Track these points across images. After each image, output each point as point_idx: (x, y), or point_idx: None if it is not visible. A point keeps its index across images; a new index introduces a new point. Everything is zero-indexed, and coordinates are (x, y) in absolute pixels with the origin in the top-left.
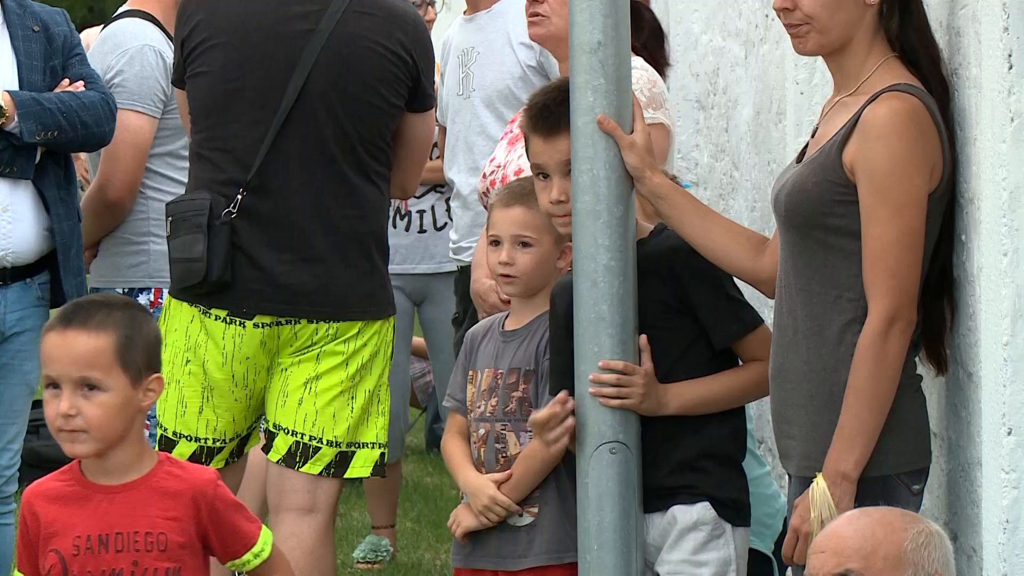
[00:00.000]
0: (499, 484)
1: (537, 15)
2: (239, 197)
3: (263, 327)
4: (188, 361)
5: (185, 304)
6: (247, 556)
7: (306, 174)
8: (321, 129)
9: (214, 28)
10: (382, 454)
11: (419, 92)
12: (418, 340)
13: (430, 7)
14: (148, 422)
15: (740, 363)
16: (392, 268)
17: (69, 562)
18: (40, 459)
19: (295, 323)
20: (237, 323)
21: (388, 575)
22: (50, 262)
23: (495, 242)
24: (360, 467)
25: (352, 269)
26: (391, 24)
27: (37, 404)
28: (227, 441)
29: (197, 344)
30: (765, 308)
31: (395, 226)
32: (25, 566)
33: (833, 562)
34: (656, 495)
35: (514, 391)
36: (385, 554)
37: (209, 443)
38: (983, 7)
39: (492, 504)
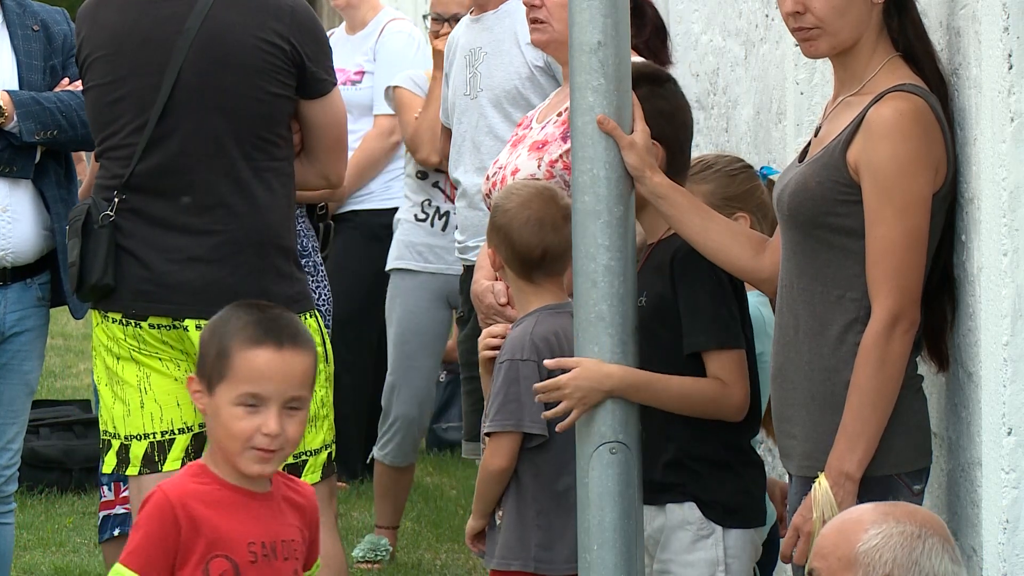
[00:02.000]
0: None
1: (537, 20)
2: (116, 200)
3: (160, 328)
4: (119, 358)
5: (91, 309)
6: (313, 568)
7: (191, 173)
8: (201, 127)
9: (95, 42)
10: (329, 454)
11: (307, 78)
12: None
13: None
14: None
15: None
16: (426, 267)
17: (244, 569)
18: (40, 459)
19: (185, 329)
20: (133, 324)
21: (388, 575)
22: (50, 262)
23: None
24: (311, 474)
25: (240, 267)
26: (261, 13)
27: (37, 404)
28: (176, 433)
29: (112, 342)
30: None
31: (432, 225)
32: (154, 569)
33: (810, 557)
34: (649, 488)
35: None
36: (384, 554)
37: (158, 437)
38: (983, 7)
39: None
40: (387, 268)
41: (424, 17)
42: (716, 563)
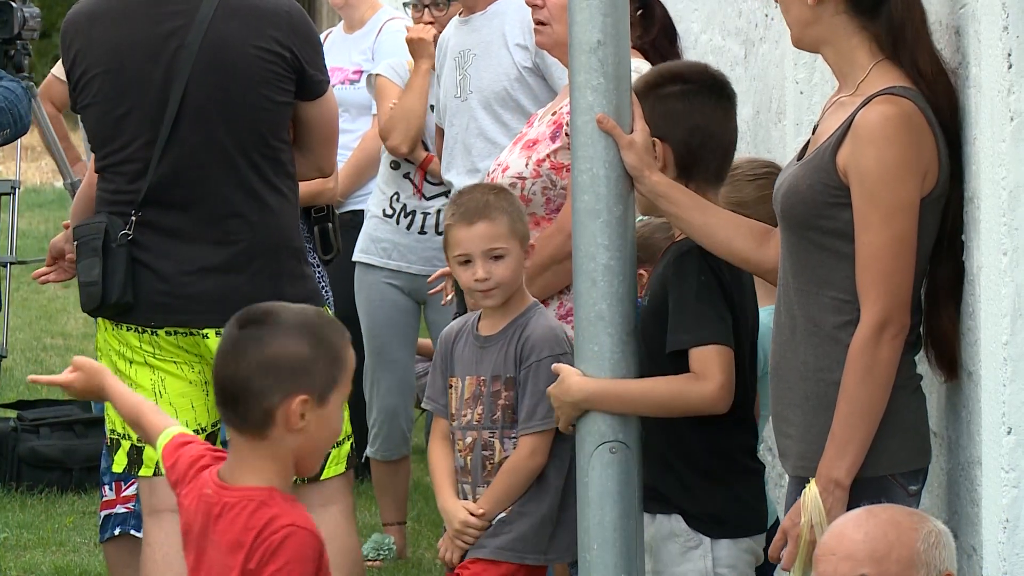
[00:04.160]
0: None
1: (539, 22)
2: (133, 218)
3: (176, 335)
4: (132, 363)
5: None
6: None
7: (203, 185)
8: (209, 139)
9: (92, 58)
10: (351, 444)
11: (306, 82)
12: (423, 340)
13: (430, 8)
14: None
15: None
16: (388, 263)
17: None
18: (40, 458)
19: (204, 337)
20: (149, 332)
21: (389, 573)
22: None
23: (465, 261)
24: (335, 465)
25: (258, 274)
26: (260, 22)
27: (35, 404)
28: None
29: (124, 347)
30: None
31: (398, 223)
32: None
33: (846, 566)
34: (643, 496)
35: (499, 399)
36: (387, 552)
37: None
38: (982, 6)
39: (464, 528)
40: (353, 259)
41: (404, 5)
42: (705, 574)
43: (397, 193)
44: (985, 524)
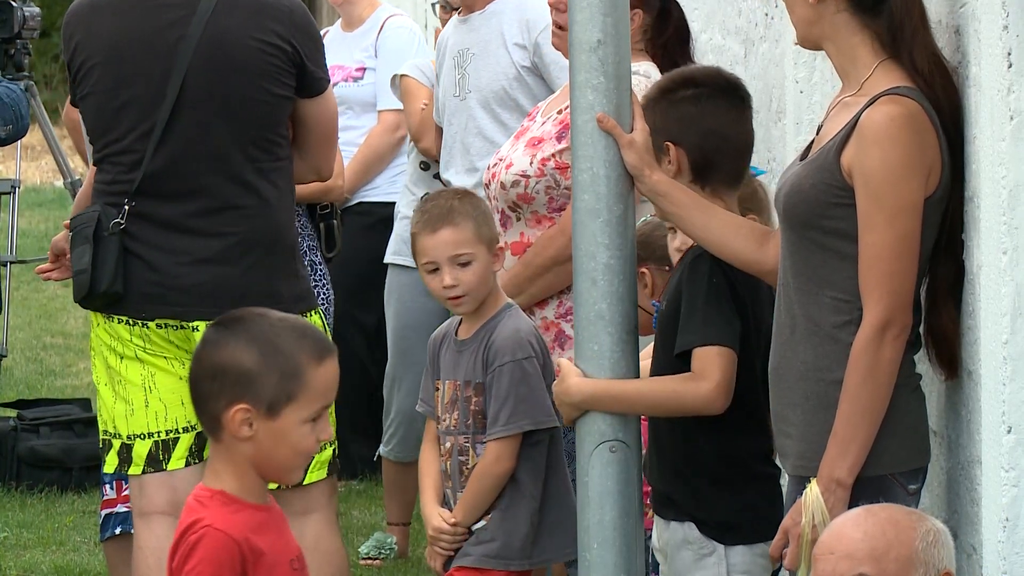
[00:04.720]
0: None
1: (558, 26)
2: (126, 207)
3: (167, 328)
4: (122, 357)
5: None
6: None
7: (198, 176)
8: (207, 131)
9: (91, 49)
10: (333, 451)
11: (306, 77)
12: None
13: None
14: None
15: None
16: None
17: None
18: (40, 458)
19: (195, 330)
20: (140, 324)
21: (389, 572)
22: None
23: (433, 269)
24: (316, 470)
25: (251, 268)
26: (261, 15)
27: (35, 403)
28: (180, 432)
29: (116, 341)
30: None
31: None
32: None
33: (845, 565)
34: (655, 499)
35: (470, 404)
36: (389, 552)
37: (162, 436)
38: (982, 5)
39: (437, 535)
40: (385, 261)
41: (433, 5)
42: None
43: (428, 193)
44: (985, 523)
